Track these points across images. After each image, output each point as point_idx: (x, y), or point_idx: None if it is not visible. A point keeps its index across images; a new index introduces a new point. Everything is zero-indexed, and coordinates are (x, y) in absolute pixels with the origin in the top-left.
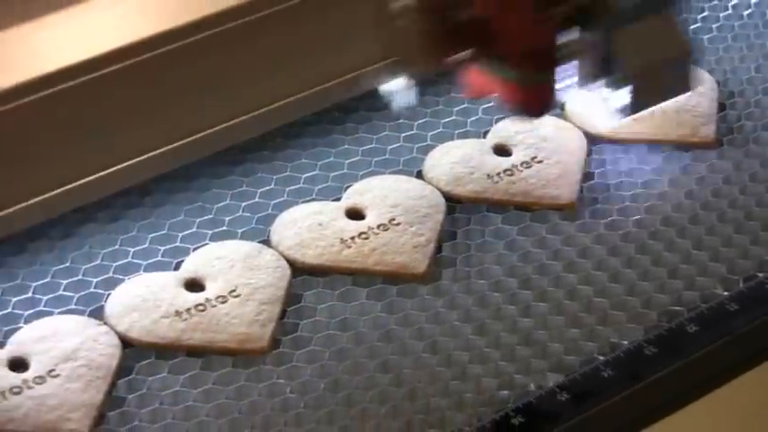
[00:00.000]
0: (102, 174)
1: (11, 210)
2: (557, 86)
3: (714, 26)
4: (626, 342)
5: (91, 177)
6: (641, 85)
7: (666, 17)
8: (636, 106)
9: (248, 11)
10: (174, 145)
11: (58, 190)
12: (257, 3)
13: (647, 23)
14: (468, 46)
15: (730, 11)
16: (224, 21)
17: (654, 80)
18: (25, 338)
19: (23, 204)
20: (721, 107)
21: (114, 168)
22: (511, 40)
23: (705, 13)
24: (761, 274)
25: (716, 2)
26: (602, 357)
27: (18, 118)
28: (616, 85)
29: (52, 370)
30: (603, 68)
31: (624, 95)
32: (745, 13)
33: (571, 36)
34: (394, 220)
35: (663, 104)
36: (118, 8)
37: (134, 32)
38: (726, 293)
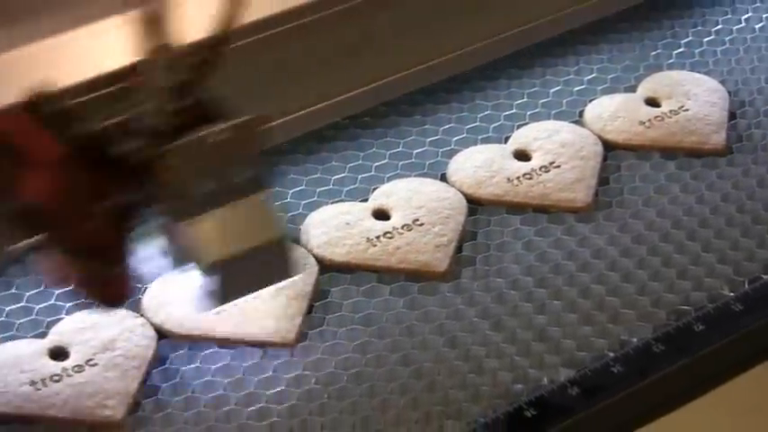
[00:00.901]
0: None
1: None
2: (138, 273)
3: (727, 39)
4: (635, 340)
5: None
6: (230, 274)
7: (251, 202)
8: (227, 294)
9: None
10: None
11: None
12: None
13: (228, 210)
14: (37, 232)
15: (743, 24)
16: None
17: (244, 268)
18: (66, 329)
19: None
20: (732, 116)
21: None
22: (68, 232)
23: (719, 26)
24: (766, 276)
25: (729, 16)
26: (612, 354)
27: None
28: (205, 272)
29: (91, 359)
30: (188, 255)
31: (215, 282)
32: (757, 26)
33: (140, 225)
34: (418, 220)
35: (677, 112)
36: None
37: None
38: (732, 294)
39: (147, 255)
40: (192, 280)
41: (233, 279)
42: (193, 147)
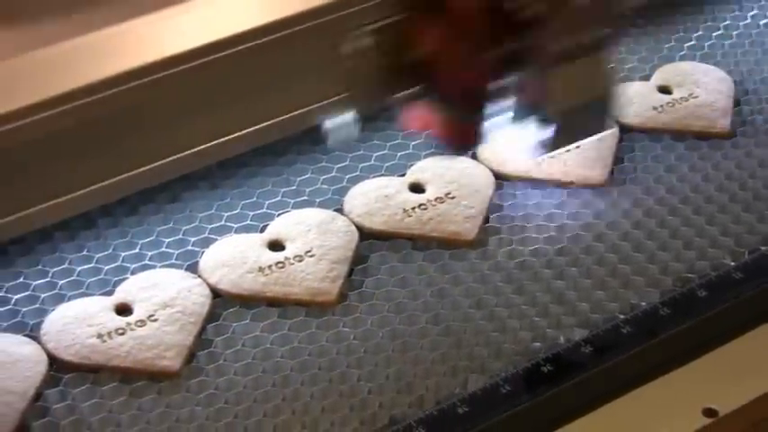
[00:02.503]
0: (202, 147)
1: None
2: (489, 123)
3: (734, 33)
4: (644, 303)
5: (193, 150)
6: (564, 125)
7: (596, 59)
8: (556, 144)
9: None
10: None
11: (168, 159)
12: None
13: (577, 66)
14: (413, 85)
15: (749, 20)
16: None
17: (575, 120)
18: (131, 287)
19: (142, 169)
20: (736, 103)
21: (215, 142)
22: (452, 80)
23: (727, 22)
24: (764, 248)
25: (737, 12)
26: (622, 316)
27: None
28: (543, 123)
29: (152, 315)
30: (533, 108)
31: (548, 133)
32: (762, 22)
33: (506, 77)
34: (450, 193)
35: (687, 99)
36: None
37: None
38: (733, 264)
39: (501, 108)
40: (527, 132)
41: (566, 129)
42: (568, 5)
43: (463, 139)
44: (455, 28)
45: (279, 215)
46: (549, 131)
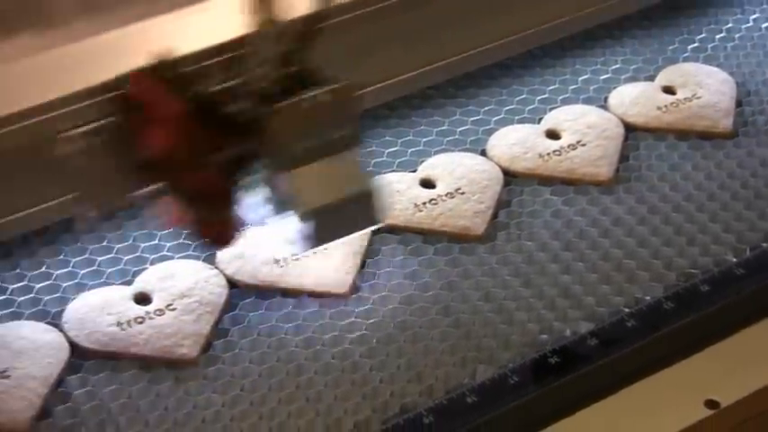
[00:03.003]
0: None
1: None
2: (243, 218)
3: (736, 36)
4: (648, 298)
5: None
6: (324, 221)
7: (345, 157)
8: (319, 239)
9: None
10: None
11: None
12: None
13: (325, 164)
14: (156, 181)
15: (751, 23)
16: None
17: (336, 216)
18: (150, 278)
19: None
20: (738, 104)
21: None
22: (185, 181)
23: (729, 25)
24: (765, 244)
25: (739, 16)
26: (627, 310)
27: None
28: (302, 219)
29: (170, 304)
30: (288, 205)
31: (309, 228)
32: (764, 26)
33: (245, 176)
34: (459, 189)
35: (690, 99)
36: None
37: None
38: (735, 260)
39: (253, 203)
40: (289, 226)
41: (326, 225)
42: (295, 108)
43: (217, 235)
44: (171, 133)
45: None
46: (308, 227)
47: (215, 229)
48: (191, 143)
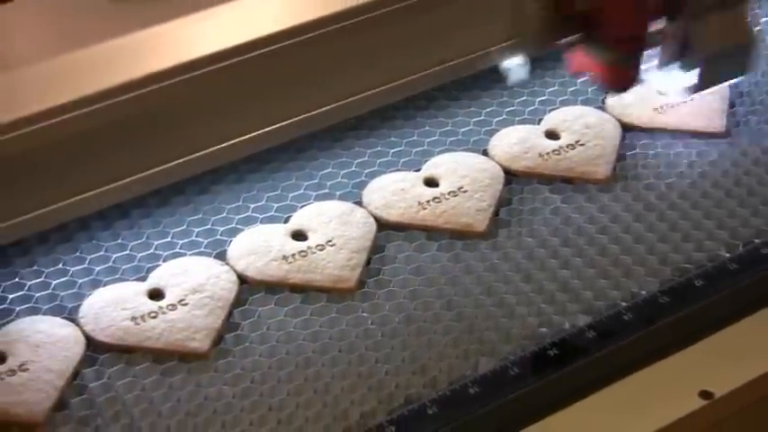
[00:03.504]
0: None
1: (173, 163)
2: (641, 67)
3: None
4: (644, 292)
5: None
6: (709, 68)
7: (739, 9)
8: (702, 85)
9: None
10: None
11: (198, 153)
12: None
13: (721, 15)
14: (578, 31)
15: None
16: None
17: (719, 63)
18: (163, 274)
19: (183, 159)
20: (731, 105)
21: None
22: (614, 27)
23: None
24: (757, 241)
25: None
26: (624, 304)
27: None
28: (688, 67)
29: (182, 299)
30: (680, 53)
31: (694, 76)
32: (756, 28)
33: (658, 25)
34: (462, 188)
35: (685, 101)
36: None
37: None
38: (728, 255)
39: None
40: (676, 74)
41: (708, 73)
42: None
43: (621, 81)
44: None
45: (302, 207)
46: (693, 75)
47: (623, 73)
48: None
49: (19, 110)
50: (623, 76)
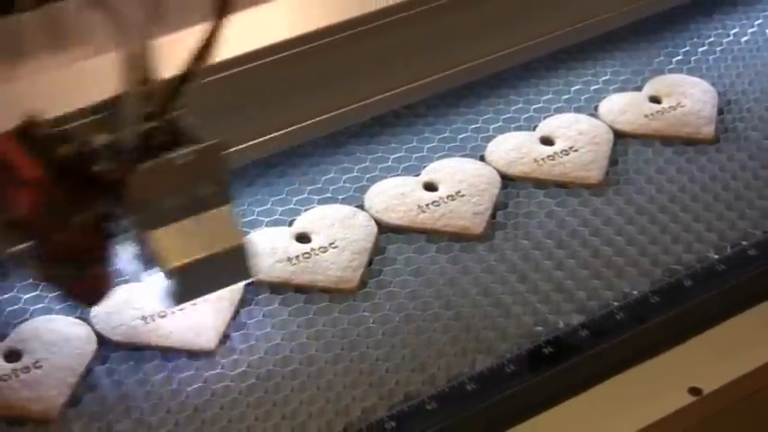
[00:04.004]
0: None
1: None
2: (113, 272)
3: (718, 49)
4: (636, 292)
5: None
6: (191, 277)
7: (214, 214)
8: (184, 295)
9: None
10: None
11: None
12: None
13: (192, 221)
14: (23, 241)
15: (731, 37)
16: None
17: (205, 272)
18: None
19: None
20: (720, 112)
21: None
22: (51, 242)
23: (711, 39)
24: (744, 243)
25: (720, 30)
26: (616, 303)
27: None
28: (166, 276)
29: None
30: (152, 261)
31: (173, 285)
32: (743, 39)
33: (113, 234)
34: (460, 192)
35: (675, 108)
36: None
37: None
38: (716, 257)
39: (126, 259)
40: (158, 281)
41: (195, 281)
42: (159, 168)
43: (86, 293)
44: (33, 196)
45: (305, 211)
46: (172, 285)
47: (85, 286)
48: (52, 206)
49: None
50: (87, 289)
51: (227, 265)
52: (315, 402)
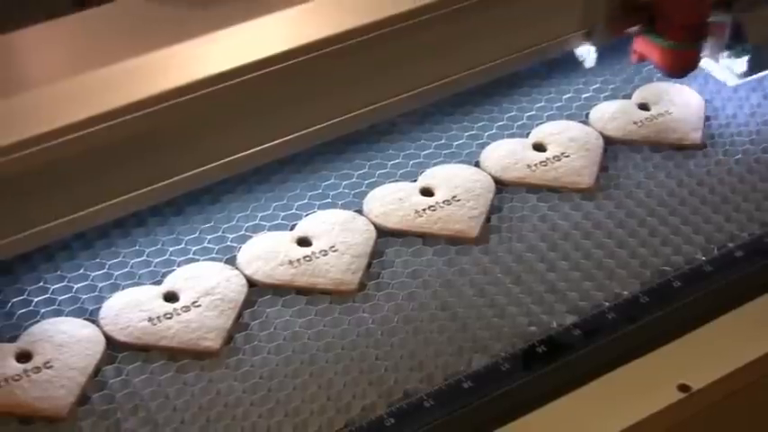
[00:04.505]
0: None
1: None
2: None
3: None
4: (626, 293)
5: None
6: (758, 55)
7: None
8: (753, 71)
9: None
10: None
11: (210, 165)
12: None
13: None
14: (641, 22)
15: None
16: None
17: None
18: (177, 278)
19: (196, 171)
20: (707, 119)
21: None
22: (678, 16)
23: None
24: (731, 245)
25: None
26: (607, 304)
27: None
28: (738, 54)
29: (195, 301)
30: (731, 41)
31: (744, 63)
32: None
33: (715, 15)
34: (456, 197)
35: (663, 115)
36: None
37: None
38: (704, 258)
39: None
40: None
41: (758, 60)
42: None
43: (683, 66)
44: None
45: (306, 215)
46: (744, 62)
47: (686, 58)
48: None
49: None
50: (685, 62)
51: None
52: (316, 400)
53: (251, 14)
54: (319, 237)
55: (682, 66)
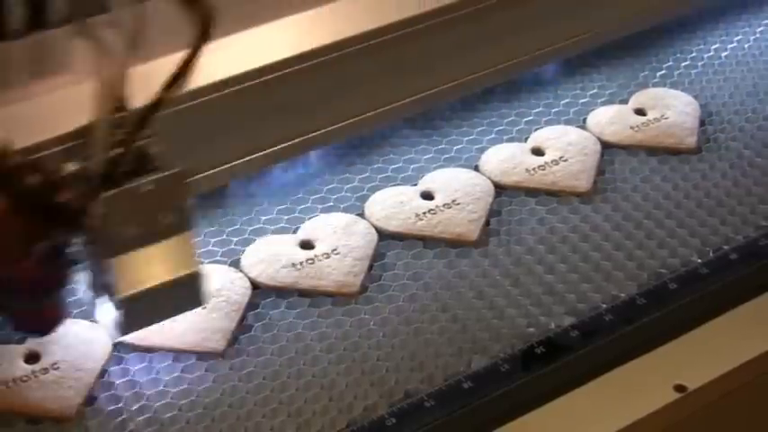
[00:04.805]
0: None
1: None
2: (65, 302)
3: (700, 64)
4: (623, 295)
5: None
6: (142, 306)
7: (173, 242)
8: (129, 326)
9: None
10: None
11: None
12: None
13: (150, 250)
14: None
15: (712, 53)
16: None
17: (157, 300)
18: None
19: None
20: (702, 123)
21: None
22: (6, 272)
23: (693, 54)
24: (726, 247)
25: (701, 46)
26: (604, 305)
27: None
28: (117, 305)
29: None
30: (105, 290)
31: (125, 314)
32: (723, 54)
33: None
34: (455, 200)
35: (659, 120)
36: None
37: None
38: (699, 261)
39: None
40: (108, 310)
41: (144, 310)
42: (124, 195)
43: (38, 324)
44: None
45: (309, 219)
46: (121, 314)
47: (38, 317)
48: (13, 235)
49: None
50: (41, 319)
51: (180, 293)
52: (319, 401)
53: (251, 17)
54: (322, 240)
55: (33, 324)
